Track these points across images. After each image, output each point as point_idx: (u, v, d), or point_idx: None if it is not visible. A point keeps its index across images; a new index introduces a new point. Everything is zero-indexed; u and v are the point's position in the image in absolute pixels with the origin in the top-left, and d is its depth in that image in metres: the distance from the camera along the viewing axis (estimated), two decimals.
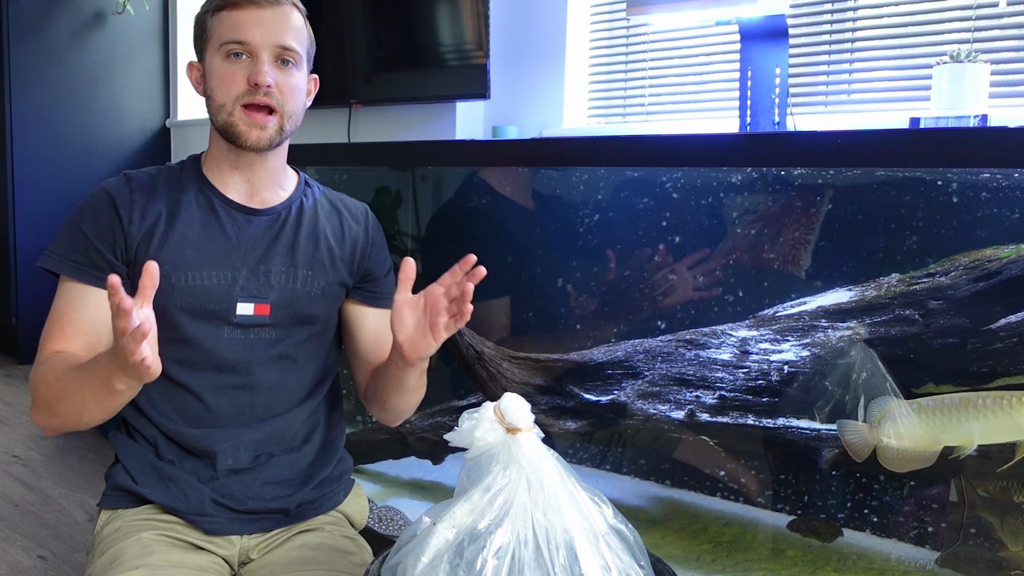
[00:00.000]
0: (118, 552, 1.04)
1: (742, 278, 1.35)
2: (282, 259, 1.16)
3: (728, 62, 2.35)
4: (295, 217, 1.20)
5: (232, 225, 1.15)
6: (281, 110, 1.12)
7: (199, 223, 1.14)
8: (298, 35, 1.15)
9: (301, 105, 1.16)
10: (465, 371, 1.69)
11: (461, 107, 2.83)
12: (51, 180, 3.65)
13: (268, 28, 1.10)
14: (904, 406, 1.16)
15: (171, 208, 1.14)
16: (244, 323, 1.13)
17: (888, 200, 1.20)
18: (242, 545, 1.13)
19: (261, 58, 1.10)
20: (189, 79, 1.18)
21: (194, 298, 1.11)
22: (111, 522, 1.12)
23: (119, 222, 1.11)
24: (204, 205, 1.16)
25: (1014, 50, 1.92)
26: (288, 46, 1.12)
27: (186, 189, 1.16)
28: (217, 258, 1.13)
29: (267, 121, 1.11)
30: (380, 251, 1.27)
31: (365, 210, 1.28)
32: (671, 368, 1.41)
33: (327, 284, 1.19)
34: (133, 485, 1.12)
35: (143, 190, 1.14)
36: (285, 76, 1.12)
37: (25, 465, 2.43)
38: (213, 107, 1.13)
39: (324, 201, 1.25)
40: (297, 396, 1.18)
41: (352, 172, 1.95)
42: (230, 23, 1.10)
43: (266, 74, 1.09)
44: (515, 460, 0.76)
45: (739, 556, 1.37)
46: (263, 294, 1.14)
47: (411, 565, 0.74)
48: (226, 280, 1.13)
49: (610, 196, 1.49)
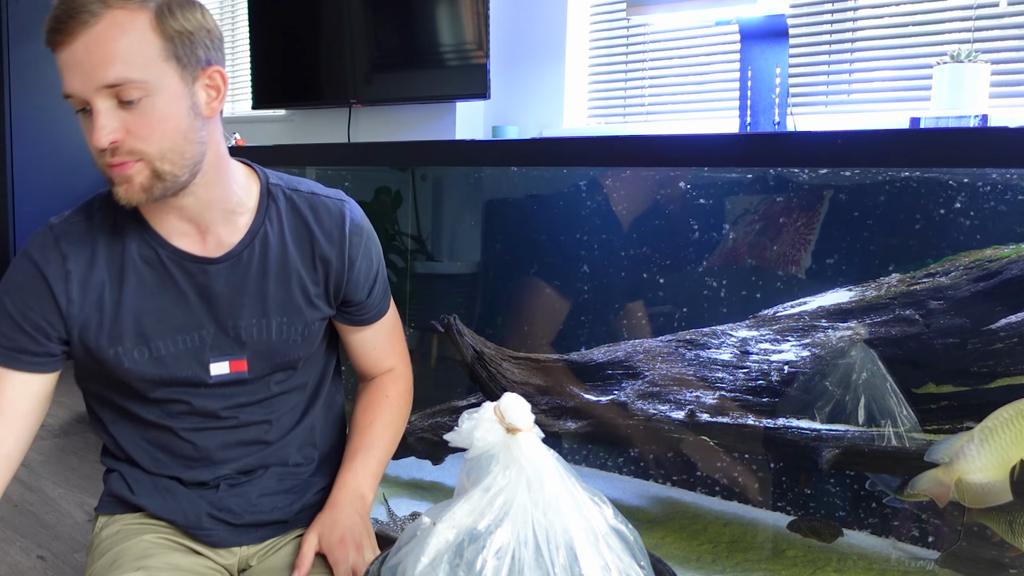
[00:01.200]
0: (118, 554, 1.04)
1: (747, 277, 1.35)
2: (251, 310, 1.02)
3: (728, 62, 2.35)
4: (259, 256, 1.02)
5: (188, 281, 1.00)
6: (147, 156, 0.90)
7: (151, 284, 0.99)
8: (130, 57, 0.87)
9: (177, 134, 0.91)
10: (465, 371, 1.69)
11: (461, 107, 2.83)
12: (51, 181, 3.65)
13: (83, 69, 0.87)
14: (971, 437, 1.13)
15: (115, 272, 0.98)
16: (221, 382, 1.04)
17: (888, 200, 1.20)
18: (242, 554, 1.12)
19: (96, 109, 0.88)
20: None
21: (163, 369, 1.01)
22: (110, 525, 1.11)
23: (54, 303, 0.96)
24: (151, 261, 0.99)
25: (1014, 50, 1.92)
26: (116, 82, 0.87)
27: (127, 243, 0.98)
28: (179, 322, 1.00)
29: (129, 171, 0.90)
30: (360, 270, 1.09)
31: (342, 219, 1.07)
32: (671, 368, 1.41)
33: (306, 327, 1.07)
34: (130, 495, 1.10)
35: (78, 257, 0.97)
36: (134, 115, 0.89)
37: (25, 465, 2.43)
38: None
39: (292, 218, 1.05)
40: (288, 424, 1.12)
41: (352, 172, 1.95)
42: (59, 66, 0.89)
43: (100, 131, 0.88)
44: (515, 460, 0.76)
45: (739, 556, 1.37)
46: (236, 350, 1.03)
47: (411, 565, 0.74)
48: (193, 343, 1.01)
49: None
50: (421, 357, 1.80)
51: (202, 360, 1.02)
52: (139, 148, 0.90)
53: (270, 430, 1.10)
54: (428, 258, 1.85)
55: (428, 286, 1.84)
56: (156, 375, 1.01)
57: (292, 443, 1.13)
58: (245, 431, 1.09)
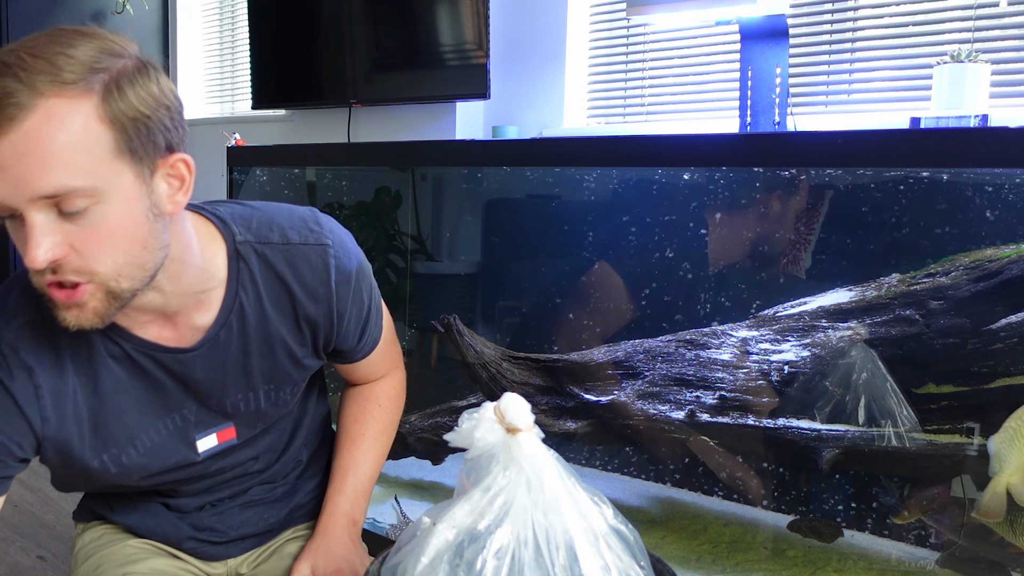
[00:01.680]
0: (102, 559, 1.02)
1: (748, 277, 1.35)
2: (236, 387, 0.94)
3: (728, 62, 2.35)
4: (238, 332, 0.91)
5: (162, 371, 0.90)
6: (99, 278, 0.75)
7: (124, 381, 0.88)
8: (73, 158, 0.69)
9: (134, 245, 0.75)
10: (465, 371, 1.69)
11: (461, 107, 2.83)
12: None
13: (12, 175, 0.68)
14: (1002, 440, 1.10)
15: (87, 376, 0.86)
16: (213, 454, 0.98)
17: (889, 200, 1.20)
18: (230, 564, 1.10)
19: (30, 223, 0.70)
20: None
21: (152, 460, 0.93)
22: (91, 529, 1.09)
23: (27, 426, 0.84)
24: (120, 356, 0.87)
25: (1014, 50, 1.92)
26: (55, 192, 0.69)
27: (92, 340, 0.86)
28: (157, 408, 0.91)
29: (77, 297, 0.75)
30: (351, 319, 0.99)
31: (326, 273, 0.93)
32: (671, 368, 1.41)
33: (294, 387, 1.01)
34: (109, 513, 1.07)
35: (43, 366, 0.84)
36: (80, 227, 0.72)
37: None
38: None
39: (268, 280, 0.92)
40: (276, 452, 1.07)
41: (352, 172, 1.95)
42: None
43: (36, 250, 0.70)
44: (515, 460, 0.76)
45: (739, 556, 1.37)
46: (222, 421, 0.96)
47: (411, 565, 0.74)
48: (176, 424, 0.93)
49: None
50: (421, 357, 1.80)
51: (188, 440, 0.94)
52: (88, 268, 0.73)
53: (256, 463, 1.06)
54: (428, 258, 1.85)
55: (428, 286, 1.84)
56: (145, 470, 0.94)
57: (280, 468, 1.10)
58: (232, 472, 1.05)
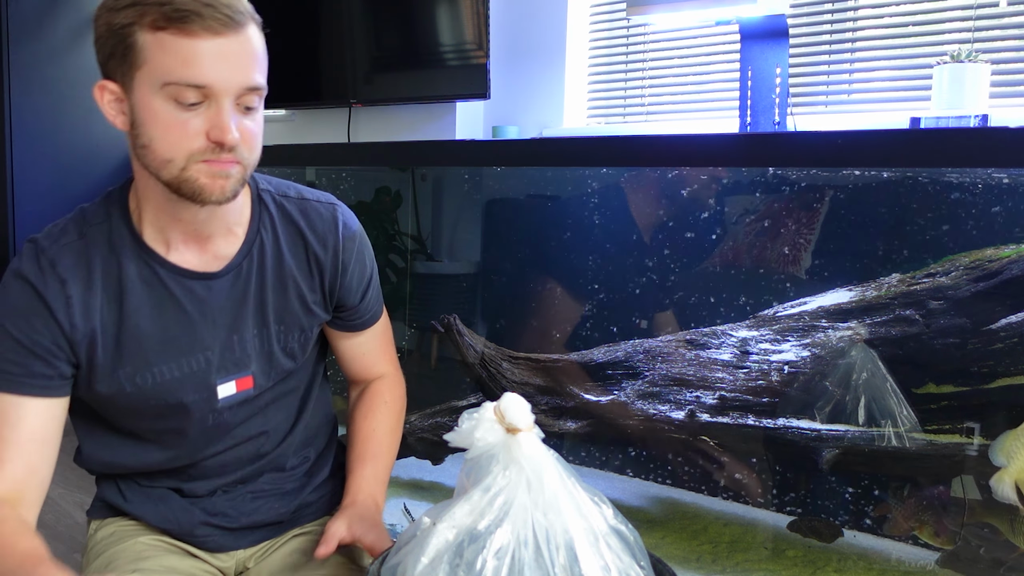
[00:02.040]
0: (113, 556, 1.03)
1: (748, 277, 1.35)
2: (253, 321, 1.01)
3: (728, 62, 2.35)
4: (257, 266, 1.01)
5: (190, 299, 0.97)
6: (244, 162, 0.91)
7: (151, 306, 0.96)
8: (263, 63, 0.92)
9: (260, 148, 0.95)
10: (465, 371, 1.69)
11: (461, 107, 2.83)
12: (51, 181, 3.65)
13: (232, 65, 0.86)
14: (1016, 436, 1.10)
15: (113, 294, 0.94)
16: (230, 404, 1.02)
17: (889, 200, 1.20)
18: (239, 557, 1.11)
19: (223, 107, 0.87)
20: (99, 104, 0.90)
21: (169, 394, 0.98)
22: (104, 527, 1.10)
23: (59, 328, 0.92)
24: (150, 280, 0.96)
25: (1014, 50, 1.92)
26: (256, 86, 0.89)
27: (123, 261, 0.95)
28: (183, 344, 0.97)
29: (230, 168, 0.89)
30: (354, 275, 1.08)
31: (334, 225, 1.06)
32: (671, 368, 1.41)
33: (302, 333, 1.06)
34: (122, 503, 1.09)
35: (76, 280, 0.93)
36: (248, 123, 0.90)
37: None
38: (153, 159, 0.89)
39: (284, 225, 1.04)
40: (283, 431, 1.11)
41: (352, 172, 1.95)
42: (180, 56, 0.84)
43: (231, 130, 0.87)
44: (515, 460, 0.76)
45: (739, 556, 1.37)
46: (242, 367, 1.01)
47: (411, 565, 0.74)
48: (199, 365, 0.99)
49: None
50: (421, 357, 1.80)
51: (208, 383, 1.00)
52: (243, 154, 0.90)
53: (266, 442, 1.09)
54: (428, 258, 1.85)
55: (428, 286, 1.84)
56: (161, 402, 0.98)
57: (288, 450, 1.12)
58: (243, 447, 1.08)
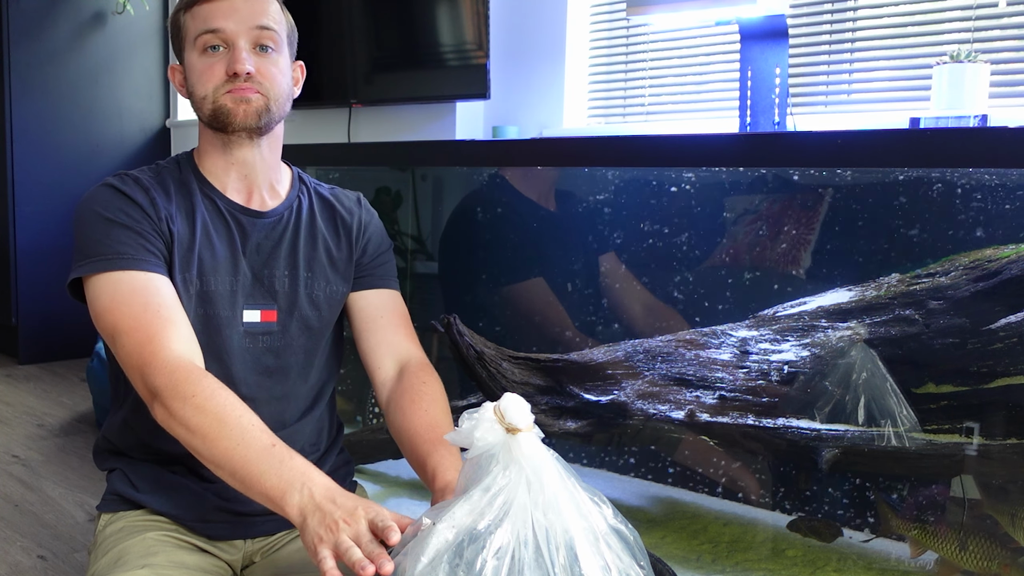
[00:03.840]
0: (122, 551, 1.04)
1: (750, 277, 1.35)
2: (284, 263, 1.15)
3: (728, 62, 2.35)
4: (294, 219, 1.17)
5: (237, 228, 1.13)
6: (266, 93, 1.10)
7: (210, 226, 1.12)
8: (275, 16, 1.11)
9: (287, 90, 1.14)
10: (465, 371, 1.69)
11: (461, 107, 2.83)
12: (51, 180, 3.65)
13: (240, 13, 1.08)
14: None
15: (187, 210, 1.11)
16: (252, 331, 1.12)
17: (889, 200, 1.20)
18: (246, 550, 1.13)
19: (238, 46, 1.08)
20: (172, 83, 1.16)
21: (209, 304, 1.09)
22: (114, 522, 1.11)
23: (147, 217, 1.06)
24: (210, 207, 1.13)
25: (1014, 50, 1.92)
26: (265, 26, 1.09)
27: (192, 191, 1.13)
28: (228, 263, 1.11)
29: (249, 94, 1.08)
30: (372, 238, 1.24)
31: (358, 199, 1.27)
32: (671, 368, 1.41)
33: (327, 286, 1.18)
34: (134, 493, 1.11)
35: (155, 190, 1.10)
36: (265, 61, 1.10)
37: (25, 465, 2.43)
38: (197, 102, 1.10)
39: (319, 198, 1.22)
40: (303, 405, 1.17)
41: (352, 172, 1.95)
42: (202, 16, 1.08)
43: (244, 62, 1.07)
44: (515, 460, 0.76)
45: (739, 556, 1.37)
46: (268, 300, 1.13)
47: (411, 565, 0.74)
48: (235, 285, 1.11)
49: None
50: None
51: (236, 304, 1.11)
52: (263, 84, 1.09)
53: (287, 409, 1.14)
54: (428, 258, 1.85)
55: (428, 286, 1.84)
56: (201, 310, 1.08)
57: (305, 429, 1.16)
58: (264, 406, 1.09)
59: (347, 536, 0.79)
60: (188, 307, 1.07)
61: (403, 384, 1.13)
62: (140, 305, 1.00)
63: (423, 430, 1.05)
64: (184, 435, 0.94)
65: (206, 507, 1.09)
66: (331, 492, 0.85)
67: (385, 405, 1.14)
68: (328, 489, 0.85)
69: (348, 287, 1.21)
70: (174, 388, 0.94)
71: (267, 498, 0.87)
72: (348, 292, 1.21)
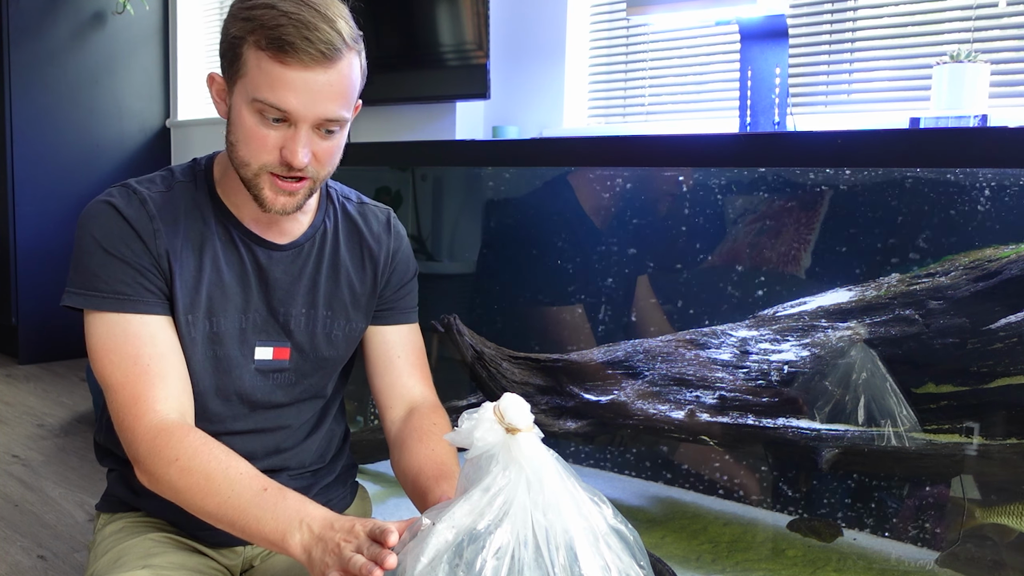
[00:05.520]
0: (122, 551, 1.04)
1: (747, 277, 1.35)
2: (303, 300, 1.08)
3: (728, 62, 2.35)
4: (317, 250, 1.09)
5: (252, 261, 1.05)
6: (315, 177, 0.99)
7: (222, 259, 1.03)
8: (351, 97, 0.97)
9: (337, 162, 1.02)
10: (465, 371, 1.69)
11: (461, 107, 2.83)
12: (51, 180, 3.65)
13: (315, 98, 0.92)
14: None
15: (195, 245, 1.02)
16: (264, 368, 1.07)
17: (888, 200, 1.20)
18: (245, 555, 1.12)
19: (300, 131, 0.94)
20: (209, 89, 1.01)
21: (219, 345, 1.04)
22: (113, 522, 1.11)
23: (148, 252, 0.98)
24: (224, 237, 1.04)
25: (1014, 50, 1.92)
26: (335, 118, 0.95)
27: (206, 218, 1.03)
28: (238, 299, 1.04)
29: (297, 187, 0.97)
30: (399, 265, 1.16)
31: (388, 222, 1.16)
32: (671, 368, 1.41)
33: (347, 324, 1.12)
34: (132, 497, 1.10)
35: (163, 217, 1.00)
36: (325, 143, 0.97)
37: (25, 465, 2.43)
38: (235, 156, 0.97)
39: (345, 221, 1.13)
40: (309, 427, 1.14)
41: (352, 172, 1.95)
42: (270, 78, 0.91)
43: (301, 154, 0.94)
44: (515, 460, 0.76)
45: (739, 556, 1.37)
46: (281, 338, 1.07)
47: (410, 565, 0.74)
48: (246, 323, 1.05)
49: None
50: None
51: (249, 342, 1.05)
52: (318, 171, 0.98)
53: (287, 438, 1.11)
54: (428, 258, 1.85)
55: (428, 286, 1.84)
56: (210, 350, 1.03)
57: (311, 448, 1.14)
58: (266, 437, 1.09)
59: (350, 550, 0.79)
60: (196, 348, 1.02)
61: (412, 423, 1.11)
62: (131, 357, 0.96)
63: (428, 467, 1.04)
64: (173, 496, 0.93)
65: None
66: (328, 520, 0.85)
67: (392, 442, 1.13)
68: (325, 519, 0.85)
69: (368, 322, 1.15)
70: (157, 454, 0.92)
71: (269, 542, 0.87)
72: (367, 327, 1.15)
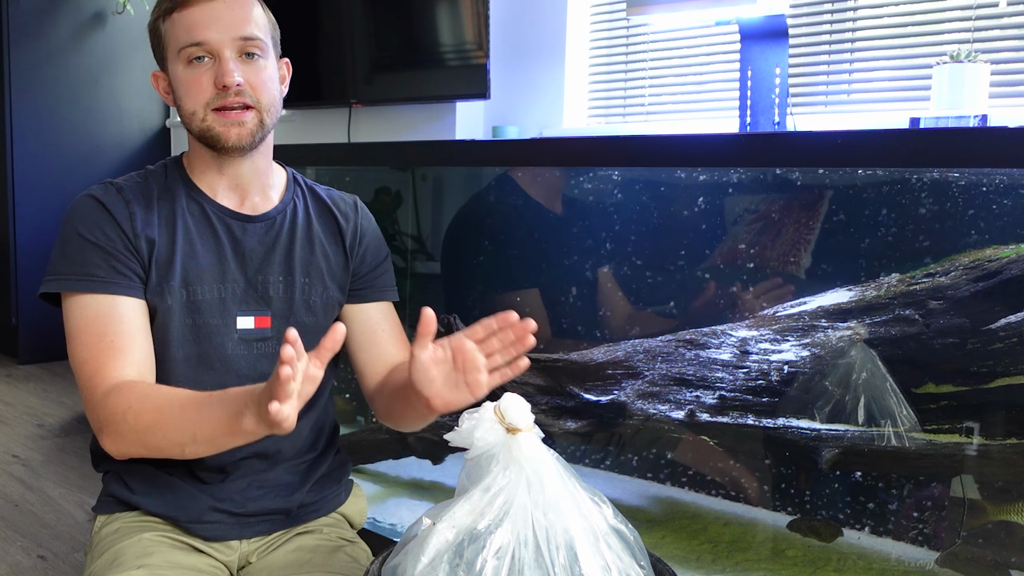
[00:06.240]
0: (118, 552, 1.04)
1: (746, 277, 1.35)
2: (279, 268, 1.13)
3: (728, 62, 2.35)
4: (289, 223, 1.15)
5: (226, 234, 1.11)
6: (257, 105, 1.06)
7: (195, 233, 1.09)
8: (259, 22, 1.07)
9: (276, 96, 1.10)
10: None
11: (461, 107, 2.83)
12: (51, 180, 3.65)
13: (223, 22, 1.04)
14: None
15: (168, 224, 1.08)
16: (247, 338, 1.10)
17: (888, 200, 1.20)
18: (242, 550, 1.12)
19: (224, 57, 1.04)
20: (157, 90, 1.12)
21: (197, 314, 1.08)
22: (109, 523, 1.11)
23: (124, 235, 1.05)
24: (197, 214, 1.11)
25: (1014, 50, 1.92)
26: (250, 36, 1.05)
27: (177, 197, 1.10)
28: (215, 270, 1.09)
29: (244, 116, 1.05)
30: (370, 247, 1.21)
31: (355, 204, 1.23)
32: (671, 368, 1.41)
33: (324, 292, 1.16)
34: (128, 495, 1.11)
35: (137, 201, 1.08)
36: (253, 70, 1.06)
37: (25, 465, 2.43)
38: (185, 117, 1.07)
39: (315, 201, 1.20)
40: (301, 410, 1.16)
41: (352, 172, 1.95)
42: (184, 25, 1.04)
43: (232, 73, 1.03)
44: (515, 460, 0.76)
45: (739, 556, 1.37)
46: (262, 307, 1.11)
47: (411, 565, 0.74)
48: (224, 293, 1.09)
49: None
50: None
51: (230, 312, 1.09)
52: (254, 97, 1.06)
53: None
54: (428, 258, 1.85)
55: (428, 286, 1.84)
56: (191, 320, 1.07)
57: (303, 431, 1.15)
58: None
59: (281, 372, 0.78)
60: (173, 316, 1.06)
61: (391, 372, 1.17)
62: (97, 335, 1.00)
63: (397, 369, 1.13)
64: (140, 446, 0.96)
65: (201, 508, 1.09)
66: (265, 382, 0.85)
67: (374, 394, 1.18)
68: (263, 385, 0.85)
69: (344, 296, 1.19)
70: (112, 412, 0.95)
71: (229, 432, 0.88)
72: (344, 301, 1.19)
